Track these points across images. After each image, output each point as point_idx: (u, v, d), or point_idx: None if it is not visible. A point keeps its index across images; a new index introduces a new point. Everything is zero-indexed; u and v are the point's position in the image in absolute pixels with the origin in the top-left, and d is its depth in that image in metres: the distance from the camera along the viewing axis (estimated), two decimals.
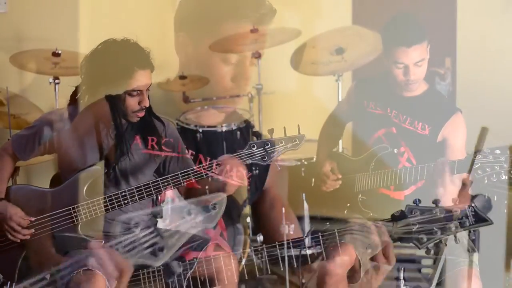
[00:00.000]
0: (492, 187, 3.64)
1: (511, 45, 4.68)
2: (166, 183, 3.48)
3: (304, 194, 3.72)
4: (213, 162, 3.50)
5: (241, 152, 3.46)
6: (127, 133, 3.58)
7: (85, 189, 3.53)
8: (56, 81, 4.28)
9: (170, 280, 3.44)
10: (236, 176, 3.44)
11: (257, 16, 4.44)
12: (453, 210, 2.98)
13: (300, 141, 3.50)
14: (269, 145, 3.46)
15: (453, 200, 3.02)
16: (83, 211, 3.53)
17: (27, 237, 3.55)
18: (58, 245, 3.55)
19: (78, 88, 3.61)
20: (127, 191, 3.51)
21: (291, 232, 3.54)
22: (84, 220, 3.52)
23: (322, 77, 4.71)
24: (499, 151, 3.60)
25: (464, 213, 2.95)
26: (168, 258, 3.23)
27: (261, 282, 3.82)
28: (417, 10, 4.59)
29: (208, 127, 4.23)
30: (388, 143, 3.91)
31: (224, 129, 4.23)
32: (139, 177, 3.59)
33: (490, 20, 4.71)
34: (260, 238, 3.94)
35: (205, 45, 3.99)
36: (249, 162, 3.48)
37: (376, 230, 3.22)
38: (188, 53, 4.01)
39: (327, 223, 3.85)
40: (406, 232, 3.02)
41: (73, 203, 3.54)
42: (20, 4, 4.68)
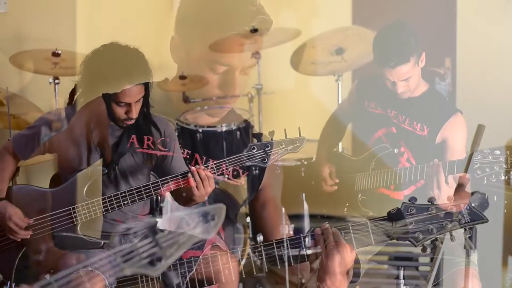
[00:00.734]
0: (492, 187, 3.64)
1: (511, 45, 4.68)
2: (166, 184, 3.49)
3: (304, 194, 3.72)
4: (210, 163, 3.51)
5: (241, 154, 3.46)
6: (124, 133, 3.58)
7: (85, 190, 3.54)
8: (56, 81, 4.28)
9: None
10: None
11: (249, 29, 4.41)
12: (449, 208, 2.98)
13: (301, 144, 3.49)
14: (270, 147, 3.46)
15: (449, 198, 3.03)
16: (83, 212, 3.53)
17: (27, 237, 3.56)
18: (58, 245, 3.55)
19: (77, 87, 3.61)
20: (127, 192, 3.51)
21: (291, 232, 3.54)
22: (84, 221, 3.53)
23: (322, 77, 4.71)
24: (499, 152, 3.60)
25: (459, 211, 2.95)
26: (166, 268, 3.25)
27: (261, 282, 3.82)
28: (417, 11, 4.60)
29: (208, 127, 4.23)
30: (389, 143, 3.92)
31: (224, 129, 4.23)
32: (139, 177, 3.59)
33: (490, 20, 4.71)
34: (260, 238, 3.94)
35: (196, 51, 4.00)
36: (249, 164, 3.48)
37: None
38: (181, 57, 4.02)
39: (327, 223, 3.86)
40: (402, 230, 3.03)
41: (73, 203, 3.54)
42: (20, 4, 4.68)
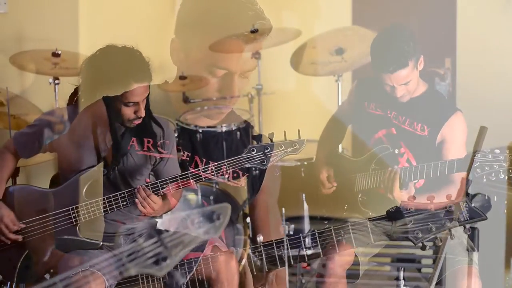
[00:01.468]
0: (491, 187, 3.64)
1: (511, 45, 4.68)
2: (165, 186, 3.49)
3: (304, 195, 3.72)
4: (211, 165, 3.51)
5: (241, 156, 3.46)
6: (125, 135, 3.58)
7: (85, 190, 3.54)
8: (56, 82, 4.28)
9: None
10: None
11: (249, 35, 4.41)
12: (447, 206, 2.99)
13: (300, 146, 3.49)
14: (269, 149, 3.46)
15: (447, 197, 3.03)
16: (82, 212, 3.53)
17: (17, 240, 3.56)
18: (58, 246, 3.55)
19: (78, 90, 3.61)
20: (126, 193, 3.52)
21: (291, 232, 3.54)
22: (83, 221, 3.53)
23: (322, 78, 4.71)
24: (499, 151, 3.60)
25: (459, 209, 2.96)
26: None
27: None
28: (417, 11, 4.60)
29: (208, 128, 4.23)
30: (389, 144, 3.91)
31: (224, 130, 4.23)
32: (138, 178, 3.59)
33: (490, 20, 4.71)
34: (260, 239, 3.94)
35: (195, 54, 4.01)
36: (248, 166, 3.47)
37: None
38: (181, 59, 4.02)
39: (326, 222, 3.86)
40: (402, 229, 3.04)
41: (73, 204, 3.55)
42: (20, 4, 4.68)
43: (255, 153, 3.46)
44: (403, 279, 3.62)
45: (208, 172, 3.48)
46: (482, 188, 3.58)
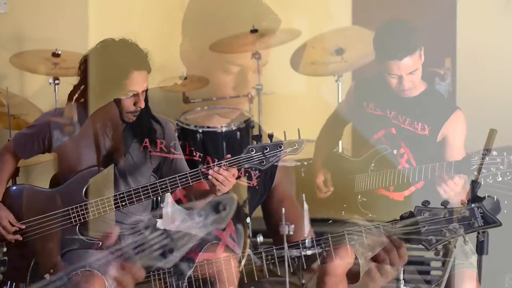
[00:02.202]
0: (491, 187, 3.63)
1: (511, 45, 4.68)
2: (164, 186, 3.48)
3: (304, 195, 3.71)
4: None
5: (240, 156, 3.46)
6: (125, 134, 3.59)
7: (84, 190, 3.54)
8: (56, 82, 4.29)
9: (181, 282, 3.45)
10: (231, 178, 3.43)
11: (260, 28, 4.41)
12: (462, 212, 2.97)
13: (300, 146, 3.48)
14: (268, 150, 3.45)
15: (462, 202, 3.02)
16: (81, 212, 3.53)
17: (18, 240, 3.57)
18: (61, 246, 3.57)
19: (77, 88, 3.61)
20: (125, 193, 3.52)
21: (291, 233, 3.53)
22: (83, 221, 3.53)
23: (322, 78, 4.72)
24: (496, 153, 3.58)
25: (473, 215, 2.94)
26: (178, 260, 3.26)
27: (261, 283, 3.82)
28: (417, 11, 4.60)
29: (208, 128, 4.24)
30: (388, 144, 3.91)
31: (224, 130, 4.23)
32: (138, 178, 3.59)
33: (490, 20, 4.71)
34: (260, 239, 3.95)
35: (207, 54, 4.02)
36: (247, 166, 3.47)
37: (376, 231, 3.22)
38: (192, 60, 4.02)
39: (329, 221, 3.86)
40: (415, 233, 3.02)
41: (72, 204, 3.55)
42: (20, 4, 4.69)
43: (254, 153, 3.45)
44: (403, 280, 3.61)
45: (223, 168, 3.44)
46: (480, 190, 3.57)
